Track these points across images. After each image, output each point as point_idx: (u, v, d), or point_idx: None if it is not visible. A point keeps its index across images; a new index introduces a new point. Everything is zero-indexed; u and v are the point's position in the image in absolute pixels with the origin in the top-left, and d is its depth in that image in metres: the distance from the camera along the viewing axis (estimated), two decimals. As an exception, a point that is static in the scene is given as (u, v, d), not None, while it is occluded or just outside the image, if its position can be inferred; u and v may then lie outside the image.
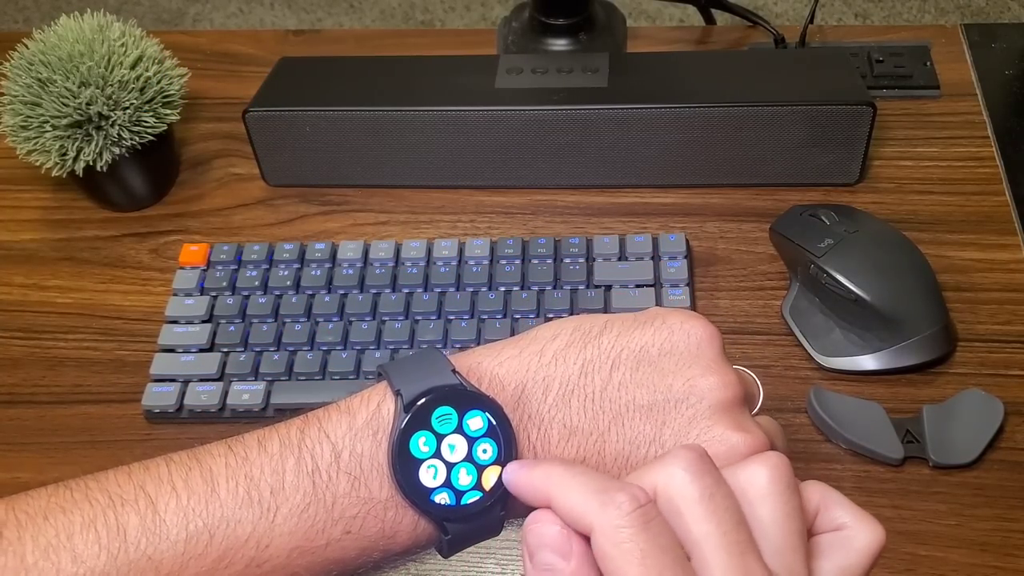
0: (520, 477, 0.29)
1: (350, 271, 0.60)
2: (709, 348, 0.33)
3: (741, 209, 0.63)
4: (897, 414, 0.51)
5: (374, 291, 0.59)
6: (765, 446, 0.32)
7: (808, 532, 0.29)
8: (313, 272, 0.60)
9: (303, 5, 1.73)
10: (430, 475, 0.30)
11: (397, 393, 0.31)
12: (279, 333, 0.57)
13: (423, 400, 0.30)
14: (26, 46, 0.61)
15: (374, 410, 0.31)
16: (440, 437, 0.30)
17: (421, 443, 0.30)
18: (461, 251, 0.60)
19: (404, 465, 0.30)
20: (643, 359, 0.32)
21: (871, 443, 0.50)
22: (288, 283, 0.59)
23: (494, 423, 0.30)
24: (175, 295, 0.60)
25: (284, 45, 0.79)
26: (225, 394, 0.55)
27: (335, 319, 0.57)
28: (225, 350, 0.57)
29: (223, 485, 0.30)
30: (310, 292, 0.59)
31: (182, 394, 0.55)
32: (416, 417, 0.30)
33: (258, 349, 0.57)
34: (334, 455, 0.30)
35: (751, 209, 0.63)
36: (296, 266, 0.60)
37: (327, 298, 0.58)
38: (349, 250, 0.61)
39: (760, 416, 0.34)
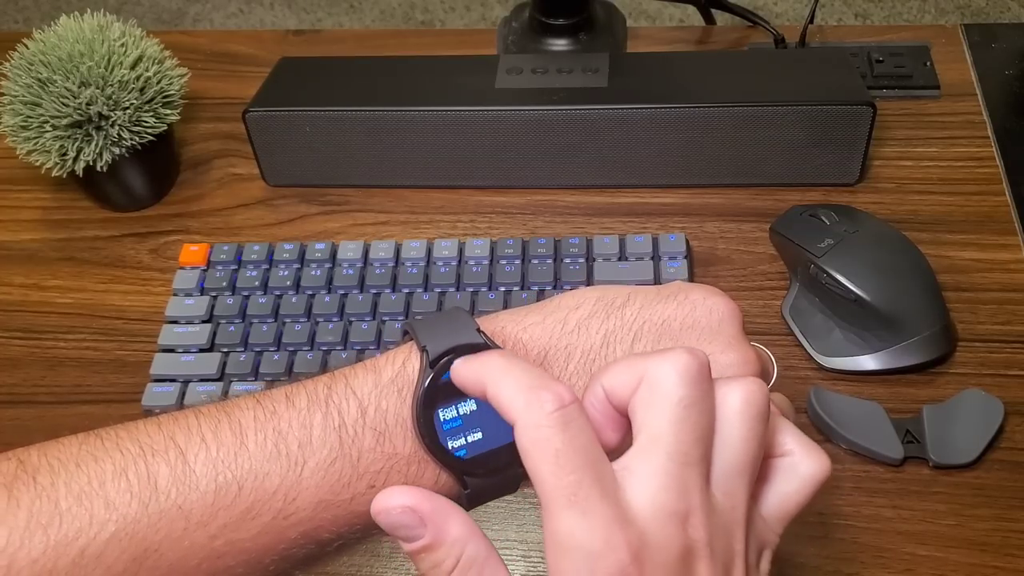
0: (462, 369, 0.30)
1: (350, 271, 0.60)
2: (730, 325, 0.33)
3: (741, 209, 0.63)
4: (897, 414, 0.51)
5: (374, 291, 0.59)
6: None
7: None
8: (313, 272, 0.60)
9: (303, 5, 1.73)
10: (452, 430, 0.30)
11: (423, 349, 0.31)
12: (279, 333, 0.57)
13: (448, 357, 0.30)
14: (26, 46, 0.61)
15: (399, 367, 0.31)
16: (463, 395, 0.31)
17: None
18: (461, 251, 0.60)
19: (427, 420, 0.30)
20: (665, 332, 0.33)
21: (871, 443, 0.50)
22: (288, 283, 0.59)
23: None
24: (175, 295, 0.60)
25: (284, 45, 0.79)
26: (225, 394, 0.55)
27: (335, 319, 0.57)
28: (225, 350, 0.57)
29: (252, 438, 0.30)
30: (310, 292, 0.59)
31: (182, 394, 0.55)
32: (440, 373, 0.30)
33: (258, 349, 0.57)
34: (360, 411, 0.31)
35: (751, 209, 0.63)
36: (296, 266, 0.60)
37: (327, 298, 0.58)
38: (349, 250, 0.61)
39: (773, 393, 0.34)
